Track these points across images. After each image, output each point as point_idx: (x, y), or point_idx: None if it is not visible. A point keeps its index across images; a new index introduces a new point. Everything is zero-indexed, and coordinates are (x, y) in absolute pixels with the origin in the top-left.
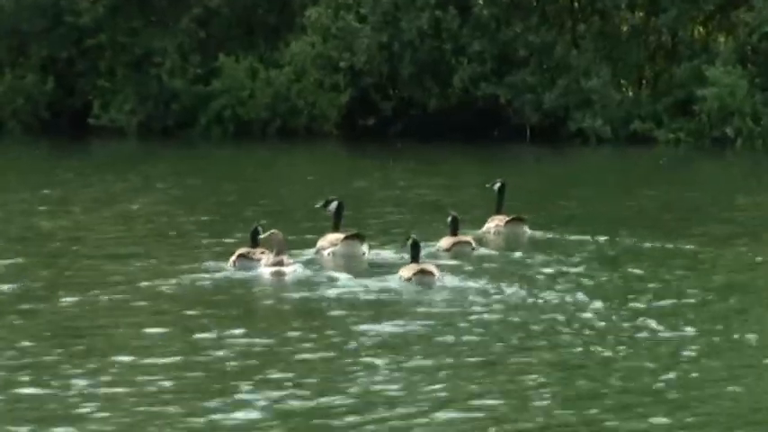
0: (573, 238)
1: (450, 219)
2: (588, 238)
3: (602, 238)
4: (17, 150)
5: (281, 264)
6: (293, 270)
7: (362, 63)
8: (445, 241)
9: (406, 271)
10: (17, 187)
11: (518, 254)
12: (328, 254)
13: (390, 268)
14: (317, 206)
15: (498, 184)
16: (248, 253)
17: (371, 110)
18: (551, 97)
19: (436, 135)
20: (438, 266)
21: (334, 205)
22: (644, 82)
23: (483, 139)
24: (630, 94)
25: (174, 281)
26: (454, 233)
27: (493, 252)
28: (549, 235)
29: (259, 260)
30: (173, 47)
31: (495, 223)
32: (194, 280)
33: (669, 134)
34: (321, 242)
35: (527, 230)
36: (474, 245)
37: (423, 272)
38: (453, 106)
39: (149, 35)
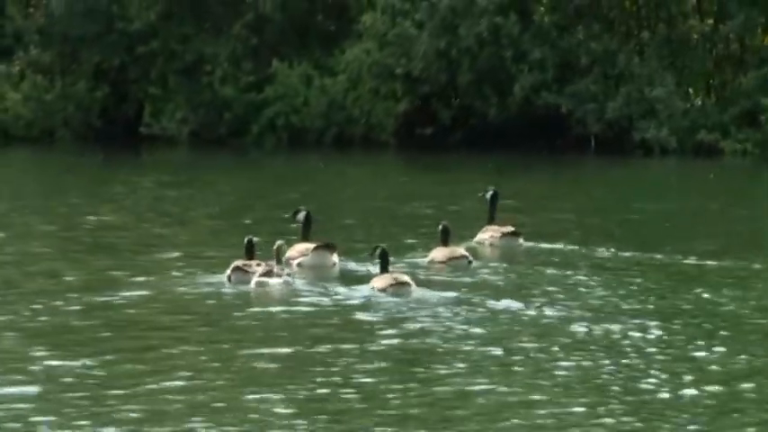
0: (570, 248)
1: (440, 228)
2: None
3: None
4: (68, 161)
5: (269, 274)
6: (281, 281)
7: (419, 70)
8: (439, 253)
9: (380, 282)
10: (69, 198)
11: (513, 266)
12: (297, 264)
13: (365, 279)
14: (286, 216)
15: (491, 193)
16: (244, 265)
17: (429, 119)
18: (614, 106)
19: (497, 145)
20: (411, 276)
21: (302, 215)
22: (710, 91)
23: (546, 149)
24: (697, 103)
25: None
26: (445, 243)
27: (491, 264)
28: (544, 246)
29: (255, 273)
30: (225, 54)
31: (489, 234)
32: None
33: (736, 145)
34: (290, 252)
35: (522, 243)
36: (470, 258)
37: (398, 283)
38: (514, 115)
39: (201, 42)
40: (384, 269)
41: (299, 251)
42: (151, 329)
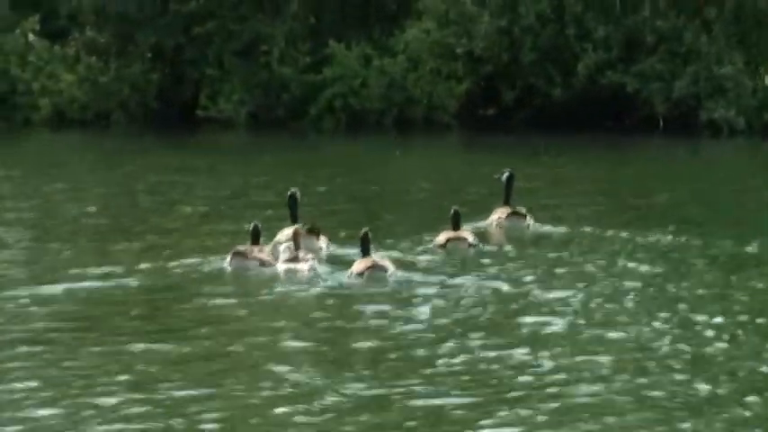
0: (584, 230)
1: (452, 212)
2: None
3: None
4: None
5: (295, 260)
6: (309, 266)
7: (481, 50)
8: (442, 236)
9: (358, 266)
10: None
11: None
12: (283, 249)
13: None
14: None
15: (507, 174)
16: (245, 251)
17: (492, 99)
18: (681, 86)
19: (562, 126)
20: (393, 261)
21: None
22: None
23: (612, 130)
24: (767, 82)
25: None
26: (455, 228)
27: (491, 248)
28: (556, 228)
29: (256, 259)
30: (282, 34)
31: (497, 216)
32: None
33: None
34: (279, 236)
35: (530, 223)
36: (472, 240)
37: (374, 266)
38: (579, 95)
39: (258, 22)
40: (365, 253)
41: (287, 235)
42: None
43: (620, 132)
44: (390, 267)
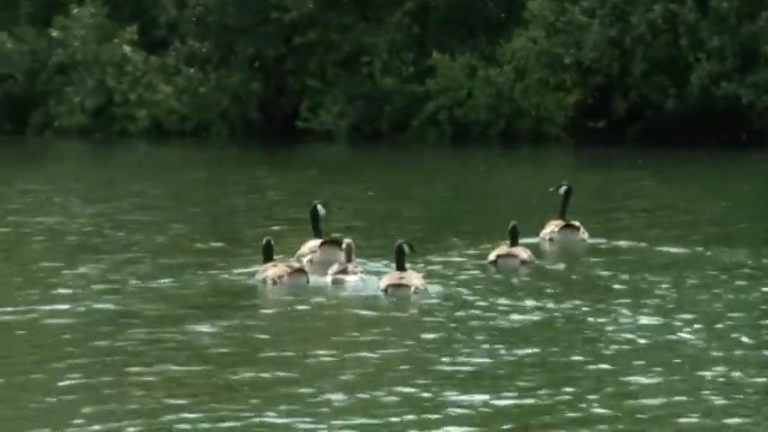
0: (642, 246)
1: (509, 228)
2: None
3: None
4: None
5: (345, 272)
6: (357, 278)
7: (590, 60)
8: (493, 253)
9: (383, 282)
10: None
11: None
12: (307, 261)
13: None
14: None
15: (564, 188)
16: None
17: (602, 111)
18: None
19: (676, 139)
20: (425, 276)
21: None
22: None
23: (728, 144)
24: None
25: None
26: (513, 243)
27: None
28: (606, 243)
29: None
30: (385, 43)
31: (550, 229)
32: None
33: None
34: (302, 249)
35: (584, 238)
36: (525, 257)
37: (396, 285)
38: (692, 107)
39: (361, 31)
40: (399, 266)
41: (310, 248)
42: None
43: (735, 147)
44: (416, 284)
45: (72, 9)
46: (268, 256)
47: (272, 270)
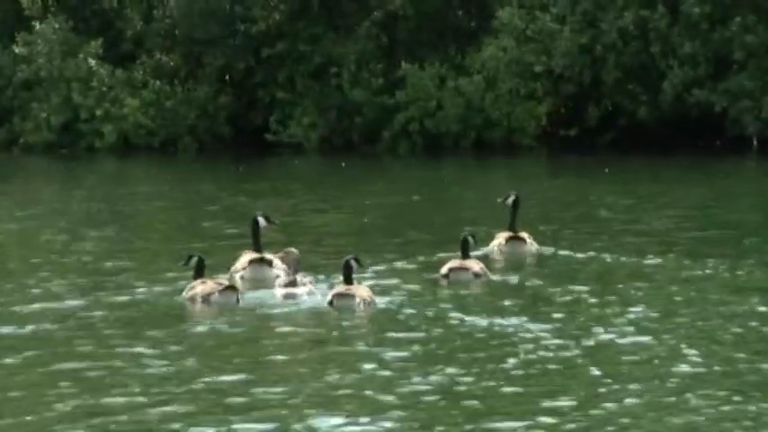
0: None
1: (461, 239)
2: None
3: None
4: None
5: (293, 284)
6: (306, 291)
7: (562, 68)
8: (445, 266)
9: (331, 293)
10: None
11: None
12: (239, 277)
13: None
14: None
15: (512, 198)
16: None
17: (574, 120)
18: None
19: (649, 147)
20: (371, 288)
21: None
22: None
23: (703, 151)
24: None
25: None
26: (464, 256)
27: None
28: (555, 252)
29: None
30: (354, 54)
31: (498, 241)
32: None
33: None
34: (237, 264)
35: (531, 248)
36: (477, 270)
37: (340, 295)
38: (666, 115)
39: (330, 42)
40: (347, 280)
41: (242, 264)
42: None
43: (710, 154)
44: (363, 295)
45: (35, 24)
46: (198, 272)
47: (200, 287)
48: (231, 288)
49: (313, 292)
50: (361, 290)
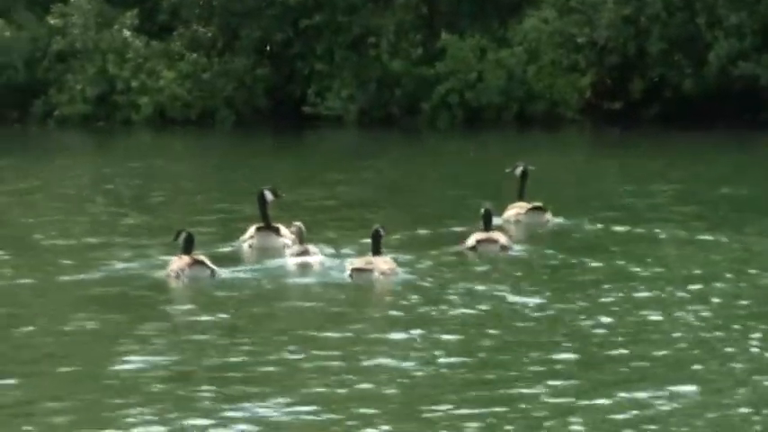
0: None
1: (482, 212)
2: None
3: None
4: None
5: (306, 253)
6: (320, 260)
7: (605, 40)
8: (471, 238)
9: (349, 265)
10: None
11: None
12: (248, 246)
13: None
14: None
15: (520, 169)
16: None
17: (618, 92)
18: None
19: (695, 120)
20: (395, 260)
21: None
22: None
23: (748, 125)
24: None
25: None
26: (486, 228)
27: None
28: (571, 223)
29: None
30: (392, 25)
31: (515, 211)
32: None
33: None
34: (246, 234)
35: (549, 219)
36: (504, 242)
37: (358, 269)
38: (711, 87)
39: (369, 12)
40: (375, 251)
41: (250, 233)
42: None
43: (755, 128)
44: (382, 268)
45: None
46: (187, 248)
47: (175, 263)
48: (200, 263)
49: (324, 262)
50: (382, 262)
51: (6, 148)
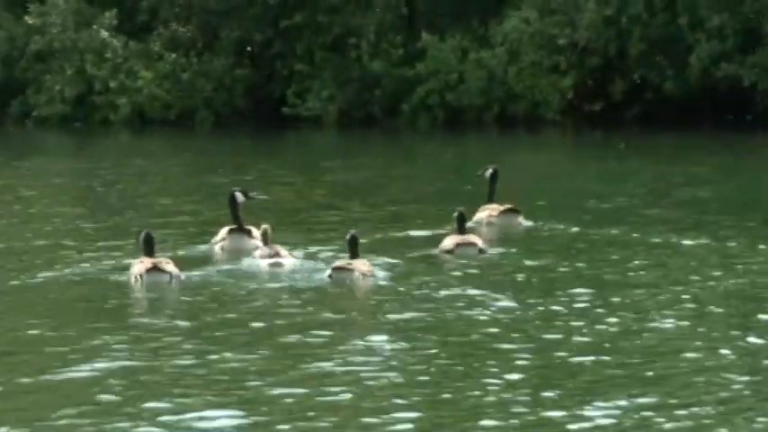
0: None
1: (455, 215)
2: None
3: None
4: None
5: (277, 255)
6: (293, 262)
7: (586, 40)
8: (448, 241)
9: (332, 266)
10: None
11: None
12: (219, 248)
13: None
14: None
15: (490, 171)
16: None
17: (599, 94)
18: None
19: (676, 122)
20: (371, 262)
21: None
22: None
23: (731, 126)
24: None
25: None
26: (460, 231)
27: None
28: (545, 226)
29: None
30: (372, 25)
31: (487, 213)
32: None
33: None
34: (217, 236)
35: (522, 222)
36: (481, 245)
37: (339, 269)
38: (693, 89)
39: (349, 12)
40: (353, 255)
41: (222, 234)
42: None
43: (739, 129)
44: (362, 270)
45: None
46: (148, 248)
47: (136, 266)
48: (157, 268)
49: (295, 265)
50: (361, 264)
51: None
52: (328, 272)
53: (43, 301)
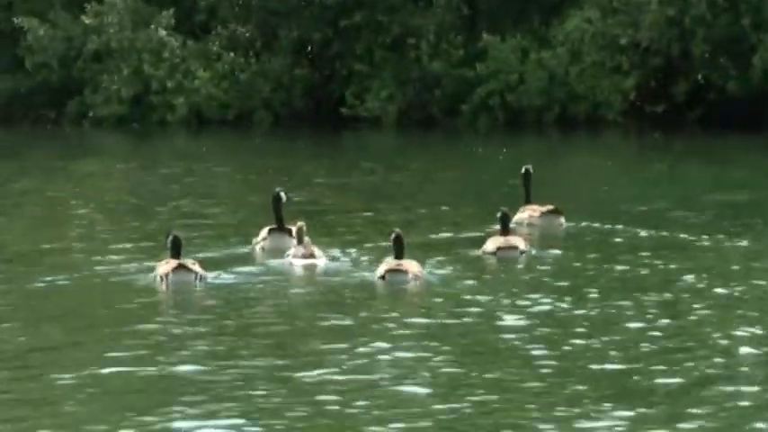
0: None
1: (499, 215)
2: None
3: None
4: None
5: (311, 256)
6: (324, 262)
7: (649, 41)
8: (491, 243)
9: (382, 267)
10: None
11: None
12: (260, 248)
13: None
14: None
15: (523, 171)
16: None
17: (662, 95)
18: None
19: (739, 123)
20: (420, 262)
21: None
22: None
23: None
24: None
25: None
26: (504, 233)
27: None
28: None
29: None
30: (432, 25)
31: (527, 214)
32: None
33: None
34: (259, 236)
35: (563, 222)
36: (523, 247)
37: (392, 270)
38: (756, 90)
39: (409, 12)
40: (398, 255)
41: (263, 234)
42: None
43: None
44: (414, 271)
45: None
46: (174, 251)
47: (161, 267)
48: (184, 267)
49: (328, 263)
50: (413, 265)
51: (41, 146)
52: (380, 272)
53: (75, 300)
